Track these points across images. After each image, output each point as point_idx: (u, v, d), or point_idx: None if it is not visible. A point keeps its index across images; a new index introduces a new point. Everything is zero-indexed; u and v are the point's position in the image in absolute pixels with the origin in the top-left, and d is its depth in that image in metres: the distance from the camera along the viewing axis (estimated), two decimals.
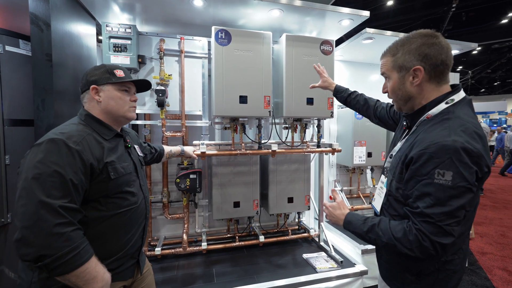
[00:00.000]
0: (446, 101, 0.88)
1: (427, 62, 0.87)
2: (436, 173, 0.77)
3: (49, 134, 0.93)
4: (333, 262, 2.19)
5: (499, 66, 12.66)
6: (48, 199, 0.81)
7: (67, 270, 0.82)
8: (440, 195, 0.77)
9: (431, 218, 0.77)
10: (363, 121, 2.73)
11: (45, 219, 0.79)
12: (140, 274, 1.19)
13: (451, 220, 0.76)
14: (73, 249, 0.82)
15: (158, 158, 1.69)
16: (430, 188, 0.78)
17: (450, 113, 0.85)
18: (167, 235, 2.47)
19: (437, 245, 0.77)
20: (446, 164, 0.76)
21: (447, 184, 0.76)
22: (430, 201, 0.78)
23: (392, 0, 7.53)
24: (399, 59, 0.93)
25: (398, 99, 0.99)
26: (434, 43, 0.87)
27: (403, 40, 0.94)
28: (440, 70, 0.88)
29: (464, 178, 0.75)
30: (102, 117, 1.09)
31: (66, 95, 1.70)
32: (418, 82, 0.90)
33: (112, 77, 1.09)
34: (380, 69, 1.03)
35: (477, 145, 0.77)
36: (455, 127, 0.80)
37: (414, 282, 0.93)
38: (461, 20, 8.41)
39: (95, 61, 2.10)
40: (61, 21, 1.64)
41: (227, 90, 1.90)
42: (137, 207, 1.11)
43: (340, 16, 2.11)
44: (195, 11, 2.00)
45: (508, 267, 2.79)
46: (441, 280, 0.90)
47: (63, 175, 0.85)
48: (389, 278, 1.03)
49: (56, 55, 1.58)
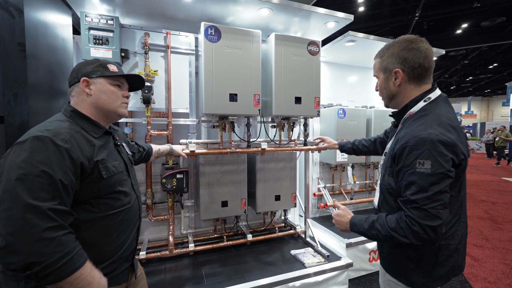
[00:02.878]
0: (424, 99, 0.98)
1: (405, 65, 0.98)
2: (417, 163, 0.87)
3: (32, 131, 0.84)
4: (320, 256, 2.26)
5: (454, 72, 14.00)
6: (36, 202, 0.74)
7: (60, 278, 0.76)
8: (422, 182, 0.86)
9: (416, 203, 0.86)
10: (345, 120, 2.86)
11: (33, 223, 0.72)
12: (134, 277, 1.14)
13: (436, 203, 0.84)
14: (65, 254, 0.76)
15: (147, 157, 1.61)
16: (414, 176, 0.88)
17: (427, 110, 0.96)
18: (151, 238, 2.36)
19: (427, 228, 0.84)
20: (424, 154, 0.86)
21: (427, 172, 0.85)
22: (415, 188, 0.87)
23: (363, 7, 7.99)
24: (384, 61, 1.04)
25: (384, 97, 1.11)
26: (413, 48, 0.97)
27: (389, 44, 1.05)
28: (418, 72, 0.98)
29: (441, 165, 0.85)
30: (91, 112, 1.01)
31: (41, 90, 1.55)
32: (399, 83, 1.01)
33: (105, 70, 1.03)
34: (373, 69, 1.14)
35: (451, 135, 0.87)
36: (431, 121, 0.91)
37: (415, 269, 1.00)
38: (423, 29, 9.17)
39: (71, 54, 1.94)
40: (34, 8, 1.50)
41: (217, 88, 1.87)
42: (130, 208, 1.06)
43: (326, 18, 2.18)
44: (183, 5, 1.94)
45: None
46: (439, 265, 0.97)
47: (51, 175, 0.78)
48: (392, 269, 1.09)
49: (30, 45, 1.43)
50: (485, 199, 5.39)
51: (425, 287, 1.00)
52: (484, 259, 2.87)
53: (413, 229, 0.86)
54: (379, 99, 3.67)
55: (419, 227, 0.85)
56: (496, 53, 11.17)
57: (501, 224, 3.95)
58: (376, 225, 0.96)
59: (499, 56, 11.50)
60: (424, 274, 0.99)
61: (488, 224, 3.97)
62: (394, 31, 9.15)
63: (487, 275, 2.55)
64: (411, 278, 1.01)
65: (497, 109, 21.79)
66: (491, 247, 3.17)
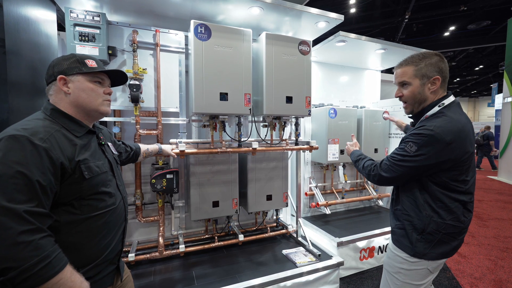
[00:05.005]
0: (439, 105, 1.16)
1: (442, 74, 1.16)
2: (409, 145, 1.13)
3: (8, 130, 0.81)
4: (311, 256, 2.26)
5: None
6: (10, 204, 0.71)
7: (37, 283, 0.72)
8: (399, 152, 1.16)
9: (386, 160, 1.21)
10: (336, 120, 2.87)
11: (7, 226, 0.69)
12: (120, 280, 1.11)
13: (395, 166, 1.16)
14: (43, 258, 0.73)
15: (135, 157, 1.58)
16: (398, 150, 1.18)
17: (440, 113, 1.14)
18: (140, 240, 2.31)
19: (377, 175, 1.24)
20: (417, 140, 1.10)
21: (409, 154, 1.12)
22: (392, 154, 1.20)
23: (354, 8, 8.08)
24: (423, 69, 1.16)
25: (414, 102, 1.22)
26: (444, 61, 1.17)
27: (421, 55, 1.18)
28: (446, 82, 1.19)
29: (422, 153, 1.08)
30: (72, 111, 0.97)
31: (22, 88, 1.49)
32: (435, 89, 1.17)
33: (83, 67, 0.98)
34: (399, 77, 1.24)
35: (451, 134, 1.06)
36: (439, 121, 1.10)
37: (420, 240, 1.16)
38: (413, 31, 9.35)
39: (55, 51, 1.88)
40: (15, 2, 1.44)
41: (207, 87, 1.85)
42: (115, 208, 1.03)
43: (317, 18, 2.19)
44: (172, 3, 1.91)
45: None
46: (442, 242, 1.14)
47: (27, 176, 0.75)
48: (399, 241, 1.24)
49: (10, 41, 1.38)
50: None
51: (427, 258, 1.15)
52: (470, 256, 2.95)
53: (371, 173, 1.27)
54: (370, 99, 3.75)
55: (376, 170, 1.25)
56: (482, 55, 11.50)
57: (486, 221, 4.06)
58: (360, 161, 1.41)
59: (484, 58, 11.84)
60: (427, 245, 1.14)
61: (474, 221, 4.08)
62: (384, 33, 9.31)
63: (473, 271, 2.61)
64: (415, 248, 1.16)
65: (483, 110, 22.42)
66: (477, 244, 3.26)
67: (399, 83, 1.25)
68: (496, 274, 2.56)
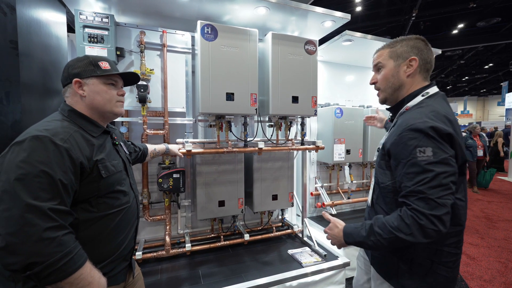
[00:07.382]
0: (422, 94, 0.98)
1: (421, 56, 0.99)
2: (418, 152, 0.82)
3: (31, 131, 0.83)
4: (317, 256, 2.26)
5: (450, 72, 14.09)
6: (36, 202, 0.74)
7: (60, 278, 0.75)
8: (426, 171, 0.80)
9: (422, 193, 0.79)
10: (342, 120, 2.86)
11: (33, 223, 0.72)
12: (132, 277, 1.14)
13: (443, 192, 0.79)
14: (66, 254, 0.76)
15: (142, 157, 1.60)
16: (416, 166, 0.82)
17: (424, 103, 0.95)
18: (147, 238, 2.34)
19: (434, 218, 0.77)
20: (423, 141, 0.82)
21: (430, 160, 0.80)
22: (419, 178, 0.81)
23: (360, 6, 8.00)
24: (398, 50, 1.02)
25: (388, 87, 1.05)
26: (426, 44, 1.02)
27: (401, 38, 1.05)
28: (427, 68, 1.01)
29: (443, 151, 0.81)
30: (88, 112, 1.00)
31: (34, 89, 1.53)
32: (411, 72, 0.99)
33: (97, 69, 1.00)
34: (374, 61, 1.10)
35: (446, 127, 0.84)
36: (426, 112, 0.88)
37: (407, 271, 0.94)
38: (420, 29, 9.20)
39: (65, 52, 1.92)
40: (27, 5, 1.48)
41: (213, 87, 1.86)
42: (129, 207, 1.06)
43: (323, 17, 2.17)
44: (179, 3, 1.93)
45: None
46: (433, 272, 0.92)
47: (51, 175, 0.78)
48: (384, 271, 1.04)
49: (23, 43, 1.41)
50: (481, 198, 5.43)
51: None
52: (480, 258, 2.90)
53: (420, 223, 0.77)
54: (376, 99, 3.70)
55: (426, 219, 0.77)
56: (492, 53, 11.25)
57: (496, 223, 3.98)
58: (375, 228, 0.87)
59: (494, 56, 11.59)
60: (415, 278, 0.93)
61: (483, 222, 4.01)
62: (391, 31, 9.18)
63: (482, 274, 2.57)
64: (402, 281, 0.95)
65: (492, 109, 21.99)
66: (487, 246, 3.20)
67: (374, 67, 1.10)
68: (507, 276, 2.51)
